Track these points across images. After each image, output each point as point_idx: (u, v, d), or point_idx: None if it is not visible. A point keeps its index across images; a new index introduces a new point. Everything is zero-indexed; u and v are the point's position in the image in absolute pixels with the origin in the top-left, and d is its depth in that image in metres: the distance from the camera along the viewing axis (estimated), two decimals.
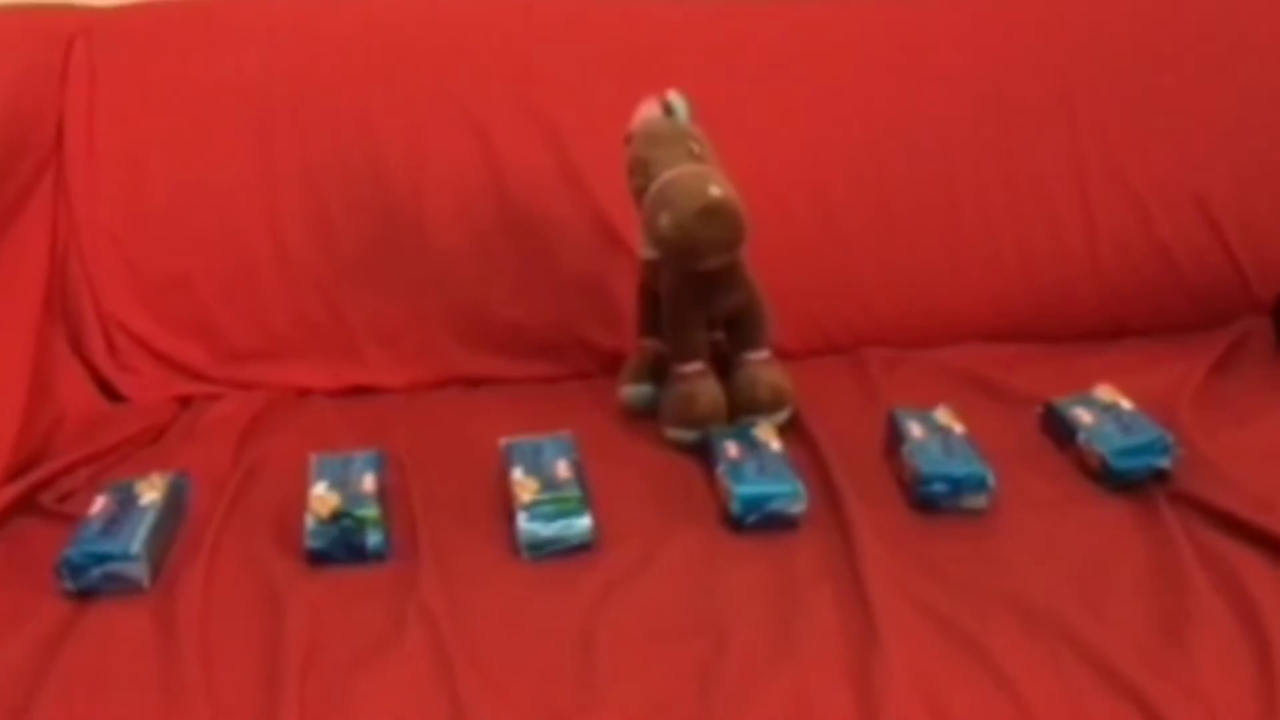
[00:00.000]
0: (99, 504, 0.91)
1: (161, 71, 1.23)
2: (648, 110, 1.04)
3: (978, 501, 0.91)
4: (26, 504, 0.97)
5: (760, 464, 0.93)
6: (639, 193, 1.00)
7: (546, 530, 0.87)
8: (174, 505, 0.93)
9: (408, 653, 0.77)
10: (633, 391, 1.10)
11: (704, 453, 0.99)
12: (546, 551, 0.87)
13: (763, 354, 1.07)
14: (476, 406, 1.15)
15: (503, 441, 0.98)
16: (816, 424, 1.04)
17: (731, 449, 0.96)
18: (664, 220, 0.95)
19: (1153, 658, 0.75)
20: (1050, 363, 1.17)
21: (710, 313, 1.05)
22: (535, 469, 0.92)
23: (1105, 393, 1.01)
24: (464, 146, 1.21)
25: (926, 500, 0.91)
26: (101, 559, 0.84)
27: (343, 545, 0.87)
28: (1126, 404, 0.99)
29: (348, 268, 1.21)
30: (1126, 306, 1.26)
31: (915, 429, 0.96)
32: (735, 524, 0.89)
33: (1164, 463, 0.92)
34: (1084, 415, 0.98)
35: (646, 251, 1.08)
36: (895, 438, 0.97)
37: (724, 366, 1.07)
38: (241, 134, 1.21)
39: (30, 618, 0.82)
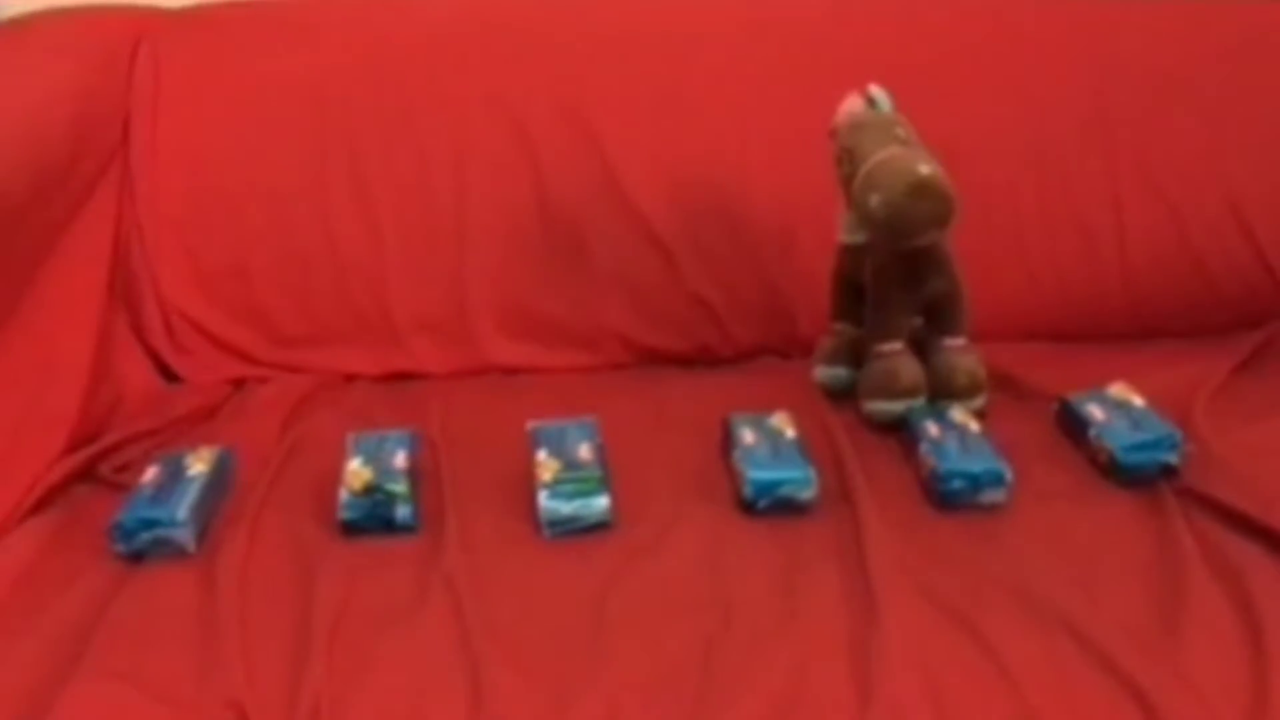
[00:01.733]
0: (150, 474, 0.96)
1: (221, 71, 1.28)
2: (851, 104, 1.06)
3: (996, 497, 0.92)
4: (87, 474, 1.03)
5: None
6: (847, 180, 1.02)
7: (566, 508, 0.90)
8: (220, 477, 0.98)
9: (430, 619, 0.81)
10: (828, 373, 1.12)
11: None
12: (566, 529, 0.90)
13: (960, 341, 1.07)
14: (510, 393, 1.19)
15: (530, 425, 1.01)
16: (837, 415, 1.06)
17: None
18: (874, 200, 0.97)
19: (1147, 644, 0.77)
20: (1072, 362, 1.17)
21: (917, 296, 1.06)
22: (559, 451, 0.95)
23: (1119, 390, 1.02)
24: (506, 146, 1.25)
25: (946, 498, 0.92)
26: (150, 524, 0.89)
27: (374, 517, 0.91)
28: (1139, 401, 1.00)
29: (394, 260, 1.25)
30: (1158, 311, 1.25)
31: (931, 428, 0.98)
32: (748, 508, 0.92)
33: (1172, 458, 0.94)
34: (1096, 411, 0.99)
35: (846, 236, 1.09)
36: (912, 435, 0.99)
37: (919, 352, 1.07)
38: (296, 132, 1.26)
39: (83, 577, 0.87)
